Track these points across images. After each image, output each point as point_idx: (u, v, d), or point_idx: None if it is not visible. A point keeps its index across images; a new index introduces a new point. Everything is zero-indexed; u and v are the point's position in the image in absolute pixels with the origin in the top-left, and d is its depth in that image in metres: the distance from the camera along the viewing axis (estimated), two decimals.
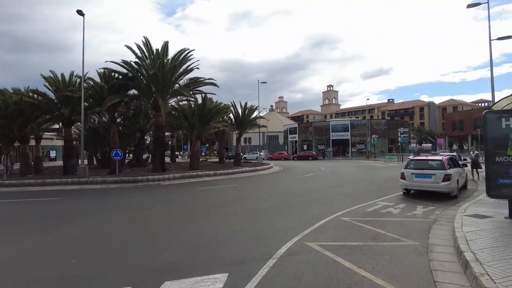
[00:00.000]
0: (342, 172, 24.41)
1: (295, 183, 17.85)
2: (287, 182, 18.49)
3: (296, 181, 18.65)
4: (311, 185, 16.53)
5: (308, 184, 17.10)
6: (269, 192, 14.06)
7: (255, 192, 14.11)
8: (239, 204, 11.02)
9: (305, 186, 15.95)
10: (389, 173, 22.08)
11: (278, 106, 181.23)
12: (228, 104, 23.66)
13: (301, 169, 29.38)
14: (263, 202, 11.42)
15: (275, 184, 17.34)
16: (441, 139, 35.23)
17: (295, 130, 59.56)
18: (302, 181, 18.54)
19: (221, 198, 12.80)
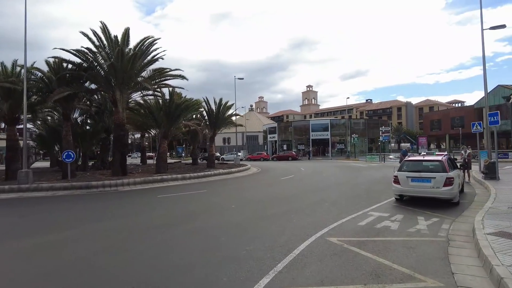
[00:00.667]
0: (323, 173, 22.56)
1: (272, 187, 15.74)
2: (264, 186, 16.36)
3: (274, 185, 16.54)
4: (291, 189, 14.46)
5: (287, 188, 15.03)
6: (241, 200, 11.86)
7: (225, 200, 11.87)
8: (199, 218, 8.75)
9: (284, 191, 13.85)
10: (374, 174, 20.38)
11: (258, 106, 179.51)
12: (199, 100, 21.35)
13: (280, 170, 27.38)
14: (231, 214, 9.21)
15: (250, 189, 15.16)
16: (422, 138, 34.18)
17: (275, 130, 57.68)
18: (281, 185, 16.46)
19: (180, 209, 10.48)
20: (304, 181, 17.65)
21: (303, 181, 17.89)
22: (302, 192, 13.27)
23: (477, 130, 20.73)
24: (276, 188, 15.10)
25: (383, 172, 22.42)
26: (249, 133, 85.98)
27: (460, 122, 56.03)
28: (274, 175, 22.63)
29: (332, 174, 21.79)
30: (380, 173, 21.65)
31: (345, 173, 21.97)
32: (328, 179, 18.29)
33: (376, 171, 23.01)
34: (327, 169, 26.88)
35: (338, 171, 23.86)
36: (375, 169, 25.61)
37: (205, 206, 10.70)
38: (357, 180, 17.31)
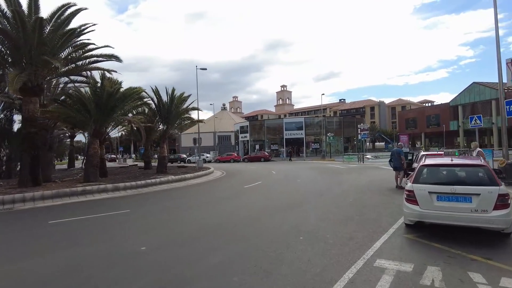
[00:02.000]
0: (297, 178, 18.59)
1: (228, 202, 11.48)
2: (218, 200, 12.06)
3: (232, 198, 12.30)
4: (252, 206, 10.26)
5: (247, 203, 10.82)
6: (167, 231, 7.46)
7: (141, 233, 7.40)
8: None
9: (241, 210, 9.64)
10: (358, 179, 16.62)
11: (233, 106, 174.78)
12: (139, 88, 16.66)
13: (248, 174, 23.19)
14: (127, 277, 4.86)
15: (194, 207, 10.77)
16: (404, 135, 31.16)
17: (247, 129, 53.46)
18: (241, 198, 12.25)
19: (51, 254, 5.96)
20: (272, 191, 13.52)
21: (272, 191, 13.76)
22: (267, 212, 9.10)
23: (476, 125, 17.50)
24: (232, 204, 10.86)
25: (367, 175, 18.76)
26: (221, 133, 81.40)
27: (436, 120, 54.29)
28: (238, 181, 18.41)
29: (308, 179, 17.85)
30: (364, 176, 17.96)
31: (324, 178, 18.10)
32: (303, 187, 14.28)
33: (359, 174, 19.32)
34: (302, 172, 22.97)
35: (315, 175, 19.99)
36: (357, 171, 21.98)
37: (100, 246, 6.24)
38: (340, 188, 13.40)
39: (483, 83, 47.82)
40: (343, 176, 18.51)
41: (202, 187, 16.13)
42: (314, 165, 31.43)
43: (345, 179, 16.80)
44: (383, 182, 14.83)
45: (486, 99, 46.10)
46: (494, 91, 45.53)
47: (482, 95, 46.74)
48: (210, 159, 46.82)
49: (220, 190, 14.56)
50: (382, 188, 13.06)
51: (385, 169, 22.92)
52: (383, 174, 19.21)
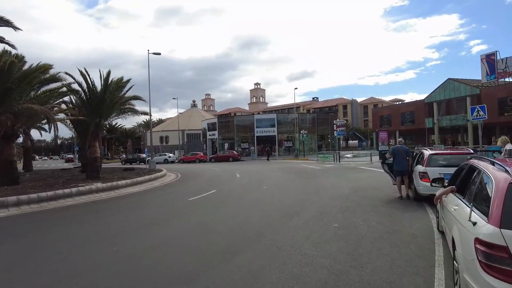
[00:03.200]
0: (264, 183, 14.79)
1: (141, 235, 7.28)
2: (130, 230, 7.77)
3: (155, 225, 8.14)
4: (180, 244, 6.22)
5: (175, 238, 6.76)
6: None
7: None
8: None
9: (157, 256, 5.59)
10: (339, 185, 13.00)
11: (205, 104, 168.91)
12: (46, 64, 12.28)
13: (207, 178, 19.17)
14: None
15: (72, 249, 6.54)
16: (383, 132, 28.19)
17: (215, 127, 49.13)
18: (167, 225, 8.15)
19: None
20: (221, 209, 9.53)
21: (221, 208, 9.77)
22: (192, 264, 5.11)
23: (478, 117, 14.47)
24: (145, 239, 6.72)
25: (348, 178, 15.24)
26: (190, 131, 76.66)
27: (411, 117, 52.55)
28: (188, 189, 14.34)
29: (276, 185, 14.07)
30: (345, 181, 14.42)
31: (296, 183, 14.38)
32: (268, 200, 10.45)
33: (338, 178, 15.78)
34: (271, 175, 19.22)
35: (286, 179, 16.27)
36: (334, 173, 18.52)
37: None
38: (317, 202, 9.68)
39: (458, 79, 46.34)
40: (319, 181, 14.88)
41: (132, 199, 11.88)
42: (286, 165, 27.84)
43: (323, 185, 13.15)
44: (371, 190, 11.31)
45: (461, 95, 44.56)
46: (469, 88, 44.11)
47: (457, 92, 45.18)
48: (173, 159, 42.24)
49: (153, 206, 10.39)
50: (375, 200, 9.48)
51: (366, 170, 19.62)
52: (366, 177, 15.81)
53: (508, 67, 41.03)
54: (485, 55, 43.59)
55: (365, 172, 18.43)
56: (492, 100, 41.50)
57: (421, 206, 8.41)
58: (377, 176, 15.81)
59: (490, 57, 43.00)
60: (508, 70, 40.97)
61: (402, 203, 8.88)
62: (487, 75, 43.64)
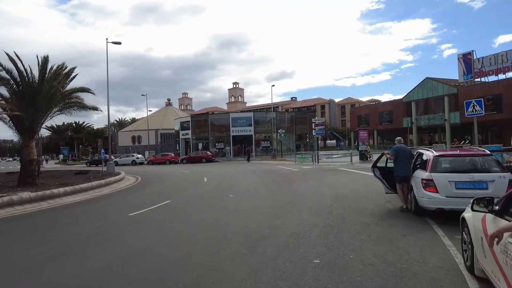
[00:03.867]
0: (233, 189, 12.56)
1: (45, 269, 4.95)
2: (35, 261, 5.46)
3: (71, 254, 5.74)
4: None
5: (80, 281, 4.41)
6: None
7: None
8: None
9: None
10: (319, 191, 10.93)
11: (182, 103, 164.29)
12: None
13: (169, 183, 16.75)
14: None
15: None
16: (363, 131, 26.64)
17: (188, 125, 46.36)
18: (91, 251, 5.72)
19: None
20: (165, 232, 7.17)
21: (166, 229, 7.41)
22: None
23: (474, 113, 12.96)
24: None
25: (329, 183, 13.25)
26: (164, 130, 73.15)
27: (389, 117, 51.89)
28: (137, 199, 11.86)
29: (247, 193, 11.86)
30: (325, 186, 12.40)
31: (270, 190, 12.23)
32: (232, 215, 8.20)
33: (318, 182, 13.76)
34: (244, 178, 17.03)
35: (259, 184, 14.09)
36: (313, 176, 16.55)
37: None
38: (293, 215, 7.56)
39: (436, 78, 45.97)
40: (297, 186, 12.79)
41: (57, 215, 9.23)
42: (262, 167, 25.74)
43: (301, 192, 11.05)
44: (358, 199, 9.32)
45: (439, 95, 44.14)
46: (446, 87, 43.74)
47: (435, 91, 44.75)
48: (142, 161, 39.18)
49: (77, 225, 7.85)
50: (365, 214, 7.47)
51: (347, 172, 17.81)
52: (348, 181, 13.90)
53: (484, 67, 40.87)
54: (462, 54, 43.34)
55: (347, 175, 16.58)
56: (469, 100, 41.09)
57: (424, 223, 6.45)
58: (360, 180, 13.95)
59: (467, 57, 42.76)
60: (484, 69, 40.80)
61: (400, 219, 6.89)
62: (464, 74, 43.39)
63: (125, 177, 18.90)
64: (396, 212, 7.58)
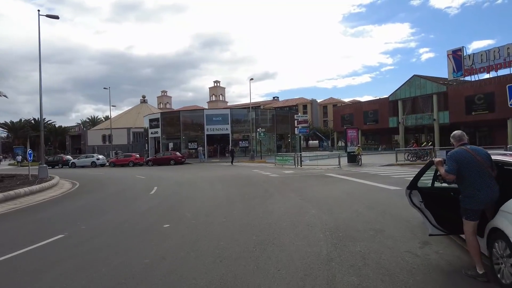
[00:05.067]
0: (177, 211, 8.41)
1: None
2: None
3: None
4: None
5: None
6: None
7: None
8: None
9: None
10: (307, 218, 6.85)
11: (161, 101, 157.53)
12: None
13: (106, 194, 12.46)
14: None
15: None
16: (352, 130, 23.07)
17: (158, 123, 41.63)
18: None
19: None
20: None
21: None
22: None
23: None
24: None
25: (318, 199, 9.28)
26: (137, 129, 67.73)
27: (374, 116, 48.98)
28: (28, 228, 7.56)
29: (191, 224, 7.66)
30: (314, 207, 8.40)
31: (234, 213, 8.14)
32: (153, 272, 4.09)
33: (302, 199, 9.77)
34: (206, 188, 12.92)
35: (221, 201, 9.99)
36: (296, 186, 12.63)
37: None
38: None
39: (425, 76, 43.29)
40: (272, 206, 8.73)
41: None
42: (236, 170, 21.70)
43: (277, 220, 6.97)
44: (370, 238, 5.37)
45: (427, 93, 41.43)
46: (435, 85, 41.04)
47: (423, 89, 42.00)
48: (103, 162, 34.22)
49: None
50: (397, 280, 3.53)
51: (338, 180, 14.00)
52: (343, 195, 10.02)
53: (475, 64, 38.42)
54: (452, 50, 40.76)
55: (339, 184, 12.77)
56: (459, 99, 38.62)
57: None
58: (358, 193, 10.19)
59: (457, 53, 40.20)
60: (475, 67, 38.35)
61: None
62: (454, 71, 40.83)
63: (58, 184, 14.57)
64: (456, 278, 3.71)
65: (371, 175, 15.72)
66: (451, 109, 38.90)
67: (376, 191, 10.66)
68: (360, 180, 13.62)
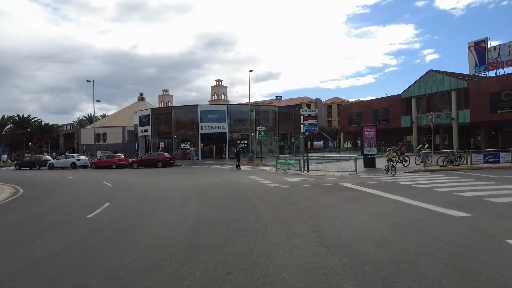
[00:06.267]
0: (107, 254, 4.39)
1: None
2: None
3: None
4: None
5: None
6: None
7: None
8: None
9: None
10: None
11: (163, 100, 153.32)
12: None
13: (55, 202, 8.49)
14: None
15: None
16: (370, 128, 18.93)
17: (148, 120, 37.60)
18: None
19: None
20: None
21: None
22: None
23: None
24: None
25: (347, 236, 5.24)
26: (132, 128, 63.76)
27: (385, 115, 44.73)
28: None
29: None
30: (345, 259, 4.46)
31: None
32: None
33: (319, 234, 5.72)
34: (172, 207, 8.90)
35: (175, 242, 5.97)
36: (306, 205, 8.59)
37: None
38: None
39: (442, 71, 38.99)
40: (268, 267, 4.72)
41: None
42: (227, 177, 17.70)
43: None
44: None
45: (445, 89, 37.15)
46: (454, 81, 36.71)
47: (440, 86, 37.72)
48: (84, 163, 30.27)
49: None
50: None
51: (362, 194, 9.84)
52: (391, 232, 5.90)
53: (501, 57, 34.12)
54: (474, 42, 36.42)
55: (367, 204, 8.68)
56: (482, 95, 34.32)
57: None
58: (408, 224, 6.09)
59: (480, 45, 35.84)
60: (501, 60, 34.06)
61: None
62: (476, 65, 36.48)
63: None
64: None
65: (404, 186, 11.64)
66: (472, 107, 34.59)
67: (434, 220, 6.60)
68: (395, 196, 9.55)
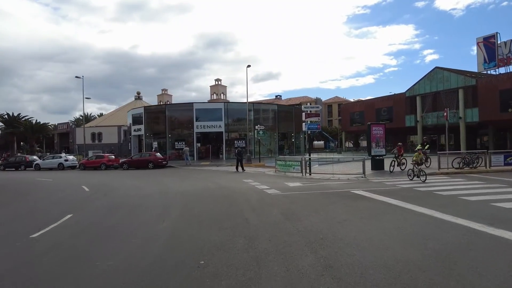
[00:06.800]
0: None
1: None
2: None
3: None
4: None
5: None
6: None
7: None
8: None
9: None
10: None
11: (162, 99, 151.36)
12: None
13: (3, 216, 6.56)
14: None
15: None
16: (378, 127, 17.16)
17: (141, 119, 35.76)
18: None
19: None
20: None
21: None
22: None
23: None
24: None
25: (378, 281, 3.52)
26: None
27: (388, 114, 42.95)
28: None
29: None
30: None
31: None
32: None
33: (339, 281, 3.98)
34: (146, 222, 7.09)
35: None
36: (313, 220, 6.79)
37: None
38: None
39: (448, 68, 37.20)
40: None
41: None
42: (220, 180, 15.89)
43: None
44: None
45: (451, 87, 35.39)
46: (461, 78, 34.92)
47: (446, 83, 35.95)
48: (73, 164, 28.45)
49: None
50: None
51: (382, 206, 7.97)
52: (440, 272, 4.08)
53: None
54: (483, 38, 34.65)
55: (389, 220, 6.86)
56: (492, 93, 32.56)
57: None
58: (458, 254, 4.21)
59: (489, 40, 34.05)
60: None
61: None
62: (485, 62, 34.72)
63: None
64: None
65: (424, 193, 9.86)
66: (481, 105, 32.81)
67: (487, 246, 4.80)
68: (419, 207, 7.75)
